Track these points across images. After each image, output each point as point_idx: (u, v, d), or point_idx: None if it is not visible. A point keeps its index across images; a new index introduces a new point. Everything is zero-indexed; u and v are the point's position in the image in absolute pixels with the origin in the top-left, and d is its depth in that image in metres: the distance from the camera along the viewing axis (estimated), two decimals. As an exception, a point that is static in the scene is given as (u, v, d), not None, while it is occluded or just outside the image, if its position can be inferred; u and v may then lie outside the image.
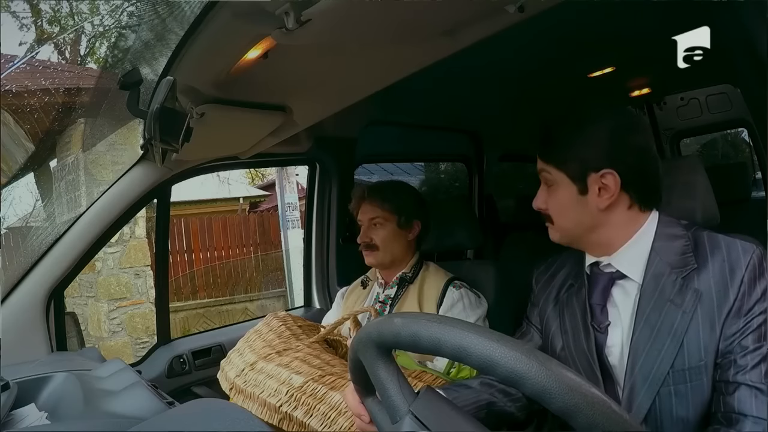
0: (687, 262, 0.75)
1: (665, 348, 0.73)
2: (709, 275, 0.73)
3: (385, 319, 0.52)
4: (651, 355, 0.74)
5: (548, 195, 0.83)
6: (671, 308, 0.74)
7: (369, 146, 1.90)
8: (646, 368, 0.74)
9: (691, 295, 0.73)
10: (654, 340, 0.74)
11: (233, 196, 7.89)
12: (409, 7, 0.71)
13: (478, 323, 1.25)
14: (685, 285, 0.74)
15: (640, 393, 0.74)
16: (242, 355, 1.12)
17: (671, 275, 0.75)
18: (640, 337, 0.75)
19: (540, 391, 0.42)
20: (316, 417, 0.92)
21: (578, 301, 0.83)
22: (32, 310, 1.17)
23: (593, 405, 0.41)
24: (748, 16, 1.19)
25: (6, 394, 0.67)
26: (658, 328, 0.74)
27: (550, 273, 0.91)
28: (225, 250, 6.47)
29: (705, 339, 0.72)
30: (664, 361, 0.73)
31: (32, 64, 4.24)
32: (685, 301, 0.73)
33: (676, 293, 0.74)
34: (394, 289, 1.35)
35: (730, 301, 0.71)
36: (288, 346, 1.11)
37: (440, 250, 1.58)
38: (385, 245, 1.33)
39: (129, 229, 4.52)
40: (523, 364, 0.43)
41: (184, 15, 0.78)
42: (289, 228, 5.53)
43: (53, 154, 4.27)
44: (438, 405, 0.52)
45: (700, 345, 0.72)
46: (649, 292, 0.76)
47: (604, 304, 0.80)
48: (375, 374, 0.53)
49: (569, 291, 0.86)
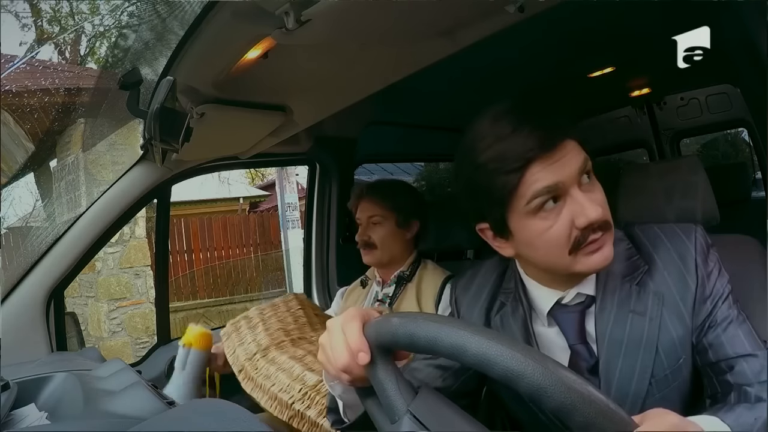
0: (636, 265, 0.69)
1: (639, 361, 0.66)
2: (662, 272, 0.68)
3: (383, 320, 0.53)
4: (625, 373, 0.67)
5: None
6: (635, 318, 0.67)
7: (369, 146, 1.90)
8: (624, 388, 0.66)
9: (652, 300, 0.67)
10: (624, 356, 0.67)
11: (233, 196, 7.90)
12: (409, 7, 0.71)
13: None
14: (642, 290, 0.67)
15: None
16: (254, 329, 1.10)
17: (624, 285, 0.68)
18: (609, 357, 0.67)
19: (536, 390, 0.42)
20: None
21: (516, 325, 0.73)
22: (32, 310, 1.17)
23: (590, 403, 0.41)
24: (748, 16, 1.19)
25: (6, 394, 0.67)
26: (626, 343, 0.66)
27: (473, 291, 0.80)
28: (225, 250, 6.48)
29: (678, 336, 0.66)
30: (642, 376, 0.66)
31: (32, 64, 4.24)
32: (648, 308, 0.67)
33: (635, 301, 0.67)
34: (392, 287, 1.35)
35: (691, 289, 0.66)
36: (302, 335, 1.10)
37: (440, 250, 1.58)
38: (384, 244, 1.32)
39: (129, 229, 4.53)
40: (519, 362, 0.43)
41: (184, 15, 0.78)
42: (289, 228, 5.54)
43: (53, 154, 4.28)
44: (437, 404, 0.52)
45: (675, 344, 0.66)
46: (607, 309, 0.68)
47: (584, 341, 0.69)
48: (373, 374, 0.53)
49: (501, 312, 0.75)
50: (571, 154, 0.62)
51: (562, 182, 0.61)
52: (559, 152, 0.61)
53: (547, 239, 0.63)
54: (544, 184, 0.61)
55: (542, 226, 0.63)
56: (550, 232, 0.63)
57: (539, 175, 0.61)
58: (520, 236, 0.66)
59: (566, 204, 0.62)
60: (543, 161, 0.61)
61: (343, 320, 0.54)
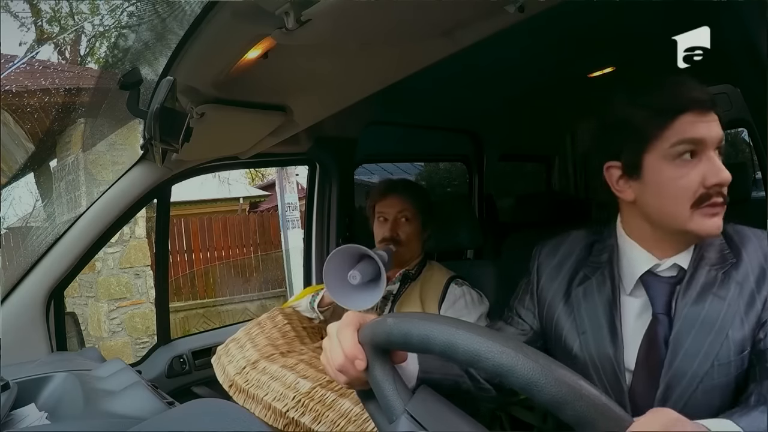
0: (726, 258, 0.73)
1: (708, 342, 0.69)
2: (747, 267, 0.72)
3: (378, 321, 0.53)
4: (692, 350, 0.70)
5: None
6: (715, 300, 0.71)
7: (369, 146, 1.90)
8: (685, 365, 0.69)
9: (734, 288, 0.71)
10: (696, 335, 0.70)
11: (233, 196, 7.89)
12: (409, 7, 0.71)
13: (479, 321, 1.25)
14: (726, 279, 0.72)
15: (676, 390, 0.70)
16: (242, 348, 1.10)
17: (711, 271, 0.73)
18: (681, 332, 0.70)
19: (527, 384, 0.42)
20: (324, 424, 0.91)
21: (601, 298, 0.76)
22: (32, 310, 1.17)
23: (581, 397, 0.41)
24: (748, 16, 1.19)
25: (6, 394, 0.67)
26: (701, 321, 0.70)
27: (557, 260, 0.82)
28: (225, 250, 6.47)
29: (749, 328, 0.69)
30: (707, 356, 0.69)
31: (32, 64, 4.24)
32: (729, 295, 0.70)
33: (718, 287, 0.71)
34: (396, 285, 1.35)
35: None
36: (292, 348, 1.10)
37: (440, 250, 1.58)
38: (410, 241, 1.34)
39: (129, 229, 4.52)
40: (510, 357, 0.43)
41: (184, 15, 0.78)
42: (289, 228, 5.53)
43: (53, 154, 4.27)
44: (434, 404, 0.52)
45: (744, 335, 0.69)
46: (693, 287, 0.72)
47: (668, 313, 0.73)
48: (371, 375, 0.54)
49: (585, 284, 0.78)
50: (717, 123, 0.70)
51: (705, 140, 0.68)
52: (711, 116, 0.70)
53: (677, 187, 0.69)
54: (691, 134, 0.68)
55: (676, 173, 0.69)
56: (681, 181, 0.69)
57: (689, 126, 0.69)
58: (651, 178, 0.71)
59: (701, 162, 0.69)
60: (697, 115, 0.69)
61: (339, 327, 0.56)
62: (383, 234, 1.33)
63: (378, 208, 1.37)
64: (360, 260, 1.12)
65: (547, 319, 0.81)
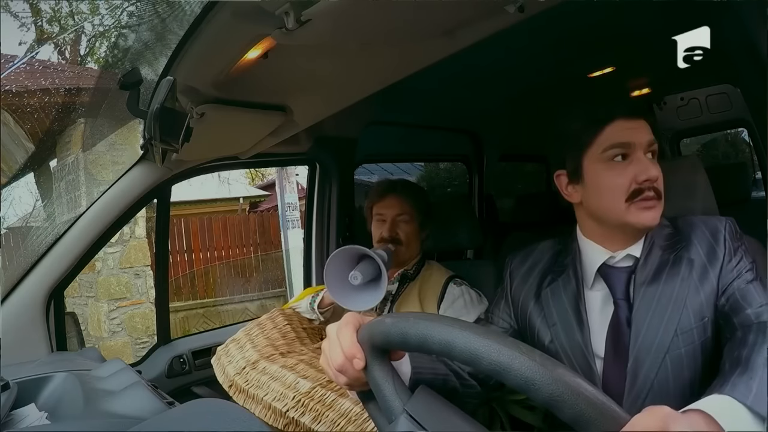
0: (675, 243, 0.81)
1: (667, 315, 0.75)
2: (696, 245, 0.79)
3: (377, 321, 0.53)
4: (653, 324, 0.76)
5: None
6: (669, 277, 0.78)
7: (369, 146, 1.90)
8: (650, 338, 0.75)
9: (685, 264, 0.78)
10: (655, 309, 0.76)
11: (233, 196, 7.89)
12: (409, 7, 0.71)
13: (478, 321, 1.25)
14: (677, 259, 0.79)
15: (645, 362, 0.75)
16: (242, 348, 1.10)
17: (663, 255, 0.80)
18: (640, 310, 0.77)
19: (525, 382, 0.42)
20: (324, 424, 0.91)
21: (567, 294, 0.83)
22: (32, 310, 1.17)
23: (579, 395, 0.41)
24: (748, 16, 1.19)
25: (6, 394, 0.67)
26: (658, 298, 0.77)
27: (527, 267, 0.91)
28: (225, 250, 6.47)
29: (705, 296, 0.75)
30: (668, 327, 0.75)
31: (32, 64, 4.24)
32: (681, 271, 0.77)
33: (671, 266, 0.78)
34: (395, 285, 1.35)
35: (719, 257, 0.77)
36: (292, 349, 1.10)
37: (440, 249, 1.58)
38: (408, 241, 1.35)
39: (129, 229, 4.52)
40: (507, 355, 0.43)
41: (184, 15, 0.78)
42: (289, 228, 5.53)
43: (53, 154, 4.27)
44: (433, 403, 0.52)
45: (702, 303, 0.75)
46: (647, 269, 0.79)
47: (627, 298, 0.80)
48: (370, 375, 0.54)
49: (552, 285, 0.86)
50: (644, 129, 0.79)
51: (633, 143, 0.78)
52: (637, 122, 0.79)
53: (612, 185, 0.78)
54: (620, 139, 0.78)
55: (610, 174, 0.79)
56: (616, 180, 0.78)
57: (618, 132, 0.78)
58: (591, 180, 0.81)
59: (632, 163, 0.78)
60: (623, 123, 0.79)
61: (338, 327, 0.57)
62: (382, 234, 1.34)
63: (376, 209, 1.37)
64: (360, 261, 1.12)
65: (522, 318, 0.89)
